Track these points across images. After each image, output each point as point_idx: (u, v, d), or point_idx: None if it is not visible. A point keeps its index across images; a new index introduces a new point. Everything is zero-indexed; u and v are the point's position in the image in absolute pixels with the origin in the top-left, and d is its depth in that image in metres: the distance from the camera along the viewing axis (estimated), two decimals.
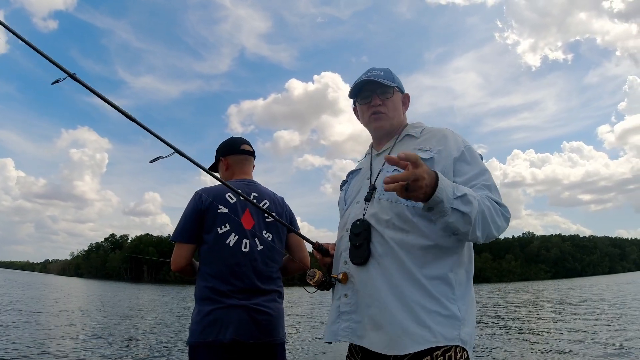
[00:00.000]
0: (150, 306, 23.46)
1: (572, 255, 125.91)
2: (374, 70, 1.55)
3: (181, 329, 13.06)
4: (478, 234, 1.21)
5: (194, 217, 1.96)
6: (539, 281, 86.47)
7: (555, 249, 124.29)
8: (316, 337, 11.24)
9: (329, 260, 1.56)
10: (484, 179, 1.33)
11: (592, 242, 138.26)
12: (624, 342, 9.05)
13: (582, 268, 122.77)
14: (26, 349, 8.55)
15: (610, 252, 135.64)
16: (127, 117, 1.39)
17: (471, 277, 1.39)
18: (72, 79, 1.29)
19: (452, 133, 1.44)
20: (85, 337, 10.82)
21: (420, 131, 1.51)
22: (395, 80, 1.55)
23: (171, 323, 14.84)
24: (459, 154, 1.36)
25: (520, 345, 9.37)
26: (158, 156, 1.48)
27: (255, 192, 2.10)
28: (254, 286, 1.93)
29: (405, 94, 1.60)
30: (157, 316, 17.41)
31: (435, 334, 1.23)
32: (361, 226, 1.39)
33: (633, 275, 79.99)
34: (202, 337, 1.83)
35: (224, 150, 2.21)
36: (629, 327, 11.44)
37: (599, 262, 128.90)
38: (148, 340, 10.67)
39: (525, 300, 25.86)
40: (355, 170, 1.68)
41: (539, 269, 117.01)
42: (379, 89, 1.52)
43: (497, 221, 1.25)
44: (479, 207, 1.19)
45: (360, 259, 1.36)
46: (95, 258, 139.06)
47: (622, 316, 14.12)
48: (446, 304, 1.27)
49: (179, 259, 1.96)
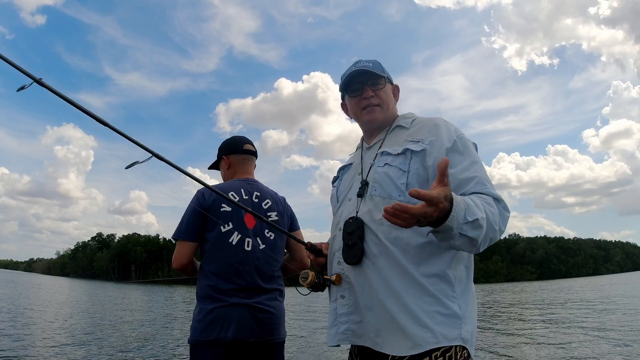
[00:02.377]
0: (141, 306, 23.20)
1: (557, 256, 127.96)
2: (362, 62, 1.48)
3: (176, 328, 12.95)
4: (481, 248, 1.16)
5: (196, 215, 1.95)
6: (525, 282, 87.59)
7: (540, 251, 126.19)
8: (316, 337, 11.24)
9: (322, 261, 1.50)
10: (480, 172, 1.26)
11: (576, 244, 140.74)
12: (617, 342, 9.20)
13: (566, 269, 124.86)
14: (9, 352, 8.37)
15: (595, 254, 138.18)
16: (99, 121, 1.31)
17: (471, 273, 1.34)
18: (39, 84, 1.23)
19: (444, 122, 1.38)
20: (81, 337, 10.65)
21: (411, 122, 1.45)
22: (385, 71, 1.50)
23: (167, 323, 14.70)
24: (450, 144, 1.30)
25: (510, 342, 9.46)
26: (134, 162, 1.37)
27: (257, 191, 2.10)
28: (256, 285, 1.94)
29: (395, 85, 1.55)
30: (151, 316, 17.23)
31: (437, 335, 1.18)
32: (354, 224, 1.34)
33: (617, 277, 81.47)
34: (204, 336, 1.83)
35: (226, 149, 2.21)
36: (618, 328, 11.61)
37: (583, 263, 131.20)
38: (146, 340, 10.52)
39: (518, 301, 26.13)
40: (346, 165, 1.62)
41: (525, 270, 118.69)
42: (369, 80, 1.46)
43: (502, 228, 1.19)
44: (487, 227, 1.12)
45: (354, 259, 1.31)
46: (82, 257, 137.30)
47: (614, 316, 14.35)
48: (446, 303, 1.22)
49: (181, 256, 1.95)
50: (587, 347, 8.77)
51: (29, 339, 9.88)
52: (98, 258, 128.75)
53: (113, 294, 37.57)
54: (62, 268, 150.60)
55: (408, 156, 1.32)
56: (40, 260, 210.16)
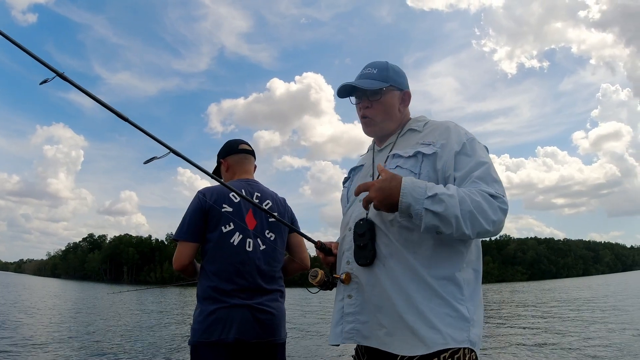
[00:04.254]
0: (136, 307, 22.99)
1: (547, 257, 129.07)
2: (368, 68, 1.49)
3: (172, 329, 12.91)
4: (466, 231, 1.16)
5: (197, 215, 1.95)
6: (516, 282, 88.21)
7: (531, 252, 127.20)
8: (315, 337, 11.23)
9: (332, 260, 1.51)
10: (481, 171, 1.27)
11: (566, 245, 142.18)
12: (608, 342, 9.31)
13: (557, 270, 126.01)
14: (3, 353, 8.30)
15: (584, 255, 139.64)
16: (120, 117, 1.33)
17: (480, 276, 1.35)
18: (62, 79, 1.24)
19: (454, 126, 1.39)
20: (76, 340, 10.57)
21: (423, 125, 1.47)
22: (390, 77, 1.48)
23: (161, 324, 14.62)
24: (459, 147, 1.32)
25: (502, 342, 9.53)
26: (152, 157, 1.41)
27: (257, 192, 2.10)
28: (257, 285, 1.94)
29: (405, 91, 1.53)
30: (146, 317, 17.10)
31: (445, 337, 1.20)
32: (365, 226, 1.35)
33: (607, 278, 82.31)
34: (205, 337, 1.82)
35: (223, 152, 2.22)
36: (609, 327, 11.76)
37: (573, 264, 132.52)
38: (143, 342, 10.47)
39: (512, 301, 26.32)
40: (357, 167, 1.63)
41: (516, 270, 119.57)
42: (368, 90, 1.46)
43: (489, 215, 1.18)
44: (461, 204, 1.15)
45: (366, 260, 1.32)
46: (73, 258, 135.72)
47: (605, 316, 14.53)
48: (455, 305, 1.24)
49: (182, 257, 1.94)
50: (580, 346, 8.86)
51: (27, 341, 9.80)
52: (90, 259, 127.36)
53: (107, 295, 37.22)
54: (53, 269, 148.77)
55: (419, 159, 1.35)
56: (30, 261, 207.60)
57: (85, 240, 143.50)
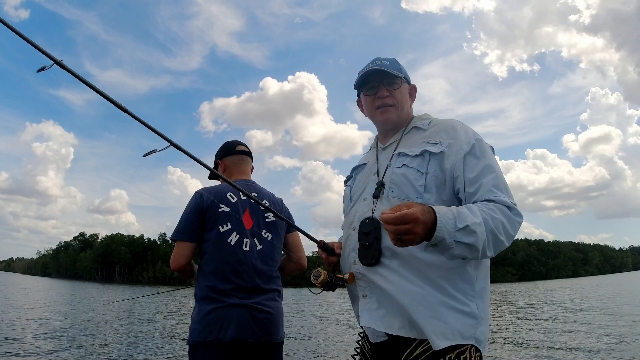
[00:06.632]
0: (132, 308, 22.77)
1: (537, 259, 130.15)
2: (380, 60, 1.47)
3: (168, 329, 12.81)
4: (488, 253, 1.16)
5: (195, 215, 1.95)
6: (507, 283, 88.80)
7: (521, 253, 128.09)
8: (314, 338, 11.20)
9: (334, 260, 1.48)
10: (493, 178, 1.26)
11: (556, 246, 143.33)
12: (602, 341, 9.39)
13: (546, 271, 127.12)
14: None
15: (574, 256, 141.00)
16: (120, 108, 1.30)
17: (488, 272, 1.35)
18: (60, 67, 1.21)
19: (461, 125, 1.37)
20: (73, 341, 10.44)
21: (428, 123, 1.44)
22: (402, 70, 1.48)
23: (162, 325, 14.48)
24: (469, 147, 1.30)
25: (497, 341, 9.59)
26: (153, 149, 1.38)
27: (255, 192, 2.11)
28: (254, 285, 1.94)
29: (412, 85, 1.53)
30: (144, 318, 16.91)
31: (453, 331, 1.19)
32: (371, 225, 1.33)
33: (596, 279, 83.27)
34: (203, 337, 1.82)
35: (220, 153, 2.23)
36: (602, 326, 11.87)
37: (562, 265, 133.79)
38: (140, 342, 10.37)
39: (503, 301, 26.49)
40: (360, 165, 1.60)
41: (507, 271, 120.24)
42: (385, 79, 1.44)
43: (509, 232, 1.19)
44: (487, 229, 1.13)
45: (371, 259, 1.30)
46: (65, 257, 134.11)
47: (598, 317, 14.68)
48: (464, 301, 1.23)
49: (179, 257, 1.95)
50: (570, 345, 8.94)
51: (24, 341, 9.69)
52: (81, 258, 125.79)
53: (98, 295, 36.86)
54: (44, 268, 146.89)
55: (426, 158, 1.32)
56: (20, 260, 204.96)
57: (77, 239, 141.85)
